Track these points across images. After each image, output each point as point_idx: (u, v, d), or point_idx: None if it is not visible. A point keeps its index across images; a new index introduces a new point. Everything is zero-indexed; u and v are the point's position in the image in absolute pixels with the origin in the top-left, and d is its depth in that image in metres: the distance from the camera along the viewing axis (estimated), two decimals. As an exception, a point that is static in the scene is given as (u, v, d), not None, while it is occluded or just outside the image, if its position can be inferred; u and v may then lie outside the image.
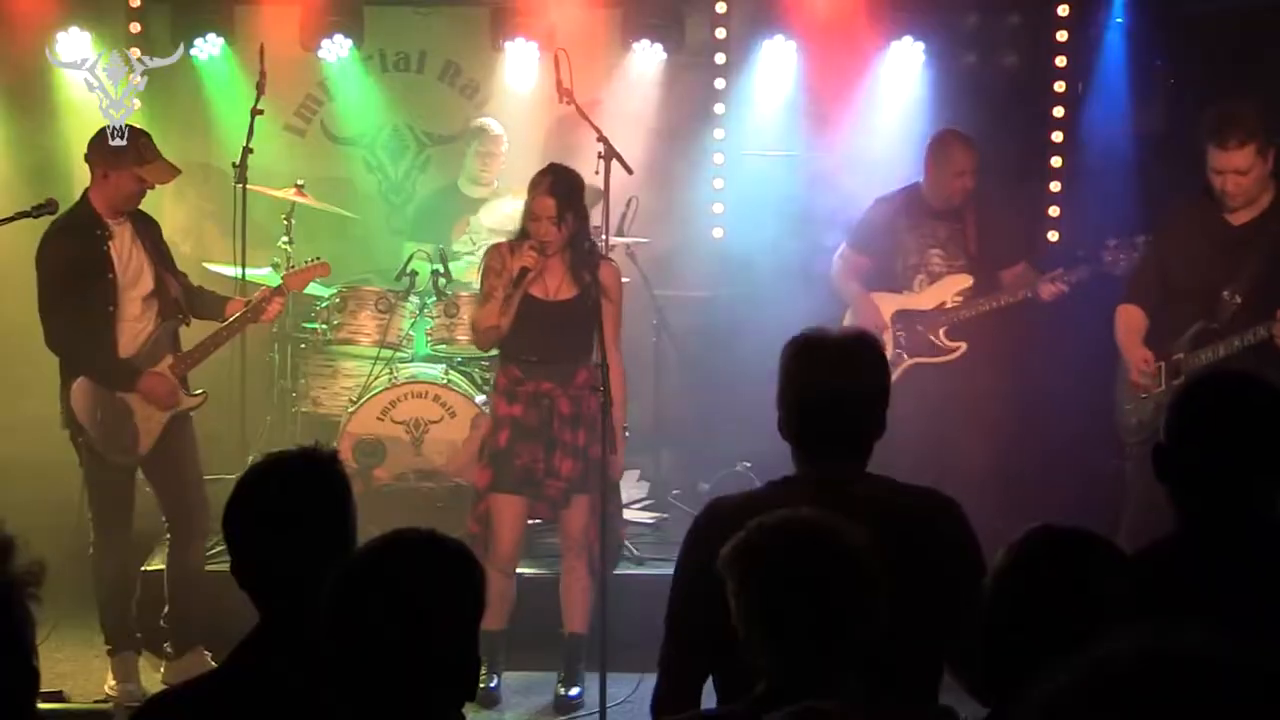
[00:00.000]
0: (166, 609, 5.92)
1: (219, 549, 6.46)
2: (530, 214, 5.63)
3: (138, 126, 5.72)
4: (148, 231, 5.83)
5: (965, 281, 6.51)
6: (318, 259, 6.31)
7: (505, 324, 5.65)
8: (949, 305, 6.52)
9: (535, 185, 5.64)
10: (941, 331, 6.53)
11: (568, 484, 5.70)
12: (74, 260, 5.60)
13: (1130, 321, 5.77)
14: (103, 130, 5.63)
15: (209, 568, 6.11)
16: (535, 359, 5.72)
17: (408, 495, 6.68)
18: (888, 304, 6.60)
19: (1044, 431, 7.04)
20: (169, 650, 5.93)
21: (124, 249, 5.70)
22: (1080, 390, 6.62)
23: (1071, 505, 6.59)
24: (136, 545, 6.02)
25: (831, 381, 2.98)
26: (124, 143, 5.54)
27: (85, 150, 5.67)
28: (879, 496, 2.98)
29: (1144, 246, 5.92)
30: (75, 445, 5.76)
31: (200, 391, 5.92)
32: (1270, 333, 5.23)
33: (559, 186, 5.59)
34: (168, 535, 5.95)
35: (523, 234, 5.72)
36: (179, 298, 5.87)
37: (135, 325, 5.75)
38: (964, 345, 6.50)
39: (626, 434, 6.01)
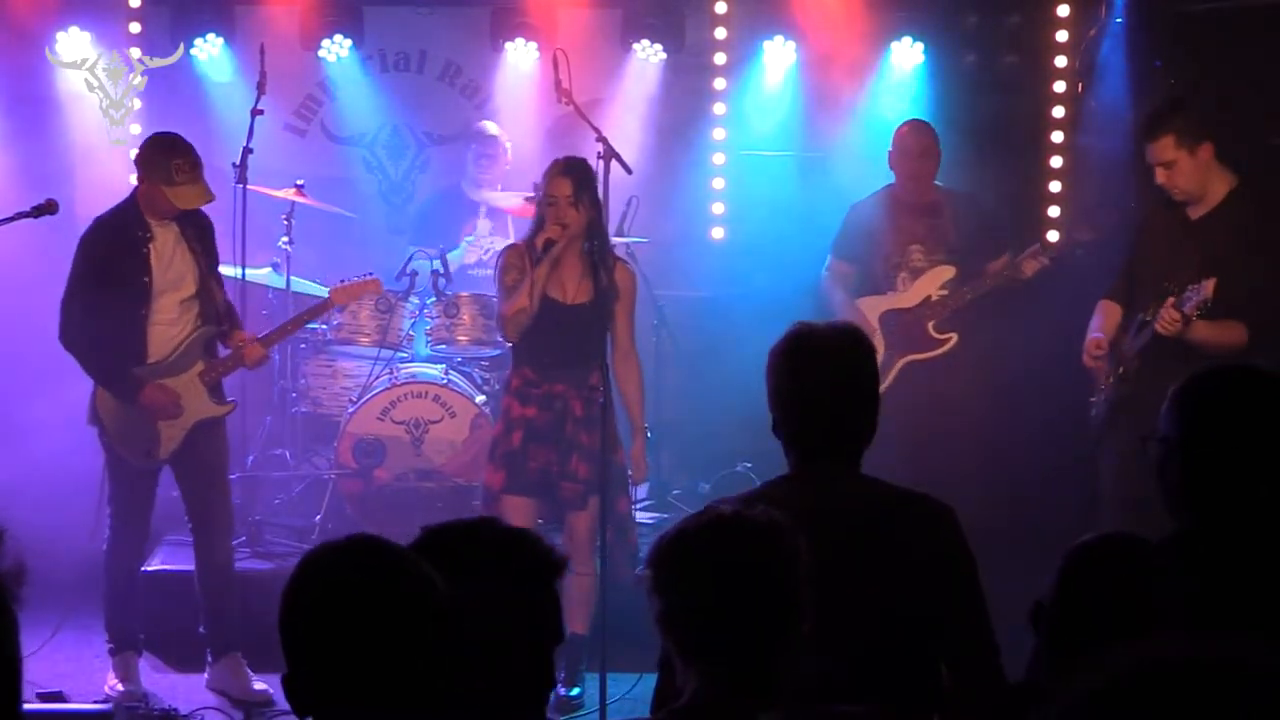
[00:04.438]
0: (203, 615, 5.86)
1: (245, 549, 6.44)
2: (547, 198, 5.68)
3: (186, 143, 5.60)
4: (198, 234, 5.74)
5: (948, 273, 6.55)
6: (370, 275, 6.32)
7: (533, 305, 5.65)
8: (934, 298, 6.55)
9: (550, 171, 5.72)
10: (930, 325, 6.55)
11: (585, 486, 5.70)
12: (111, 259, 5.55)
13: (1104, 314, 5.76)
14: (154, 136, 5.61)
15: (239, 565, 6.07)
16: (549, 361, 5.73)
17: (408, 495, 6.68)
18: (874, 307, 6.62)
19: (1027, 422, 7.04)
20: (209, 656, 5.88)
21: (166, 251, 5.64)
22: (1061, 379, 6.63)
23: (1049, 497, 6.60)
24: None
25: (820, 379, 2.97)
26: (182, 160, 5.48)
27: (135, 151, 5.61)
28: (868, 498, 2.97)
29: (1114, 231, 6.00)
30: (101, 442, 5.75)
31: (231, 400, 5.90)
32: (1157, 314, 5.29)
33: (573, 170, 5.68)
34: (192, 539, 5.91)
35: (537, 228, 5.75)
36: (221, 304, 5.82)
37: (169, 330, 5.70)
38: (954, 336, 6.53)
39: (649, 435, 6.03)
